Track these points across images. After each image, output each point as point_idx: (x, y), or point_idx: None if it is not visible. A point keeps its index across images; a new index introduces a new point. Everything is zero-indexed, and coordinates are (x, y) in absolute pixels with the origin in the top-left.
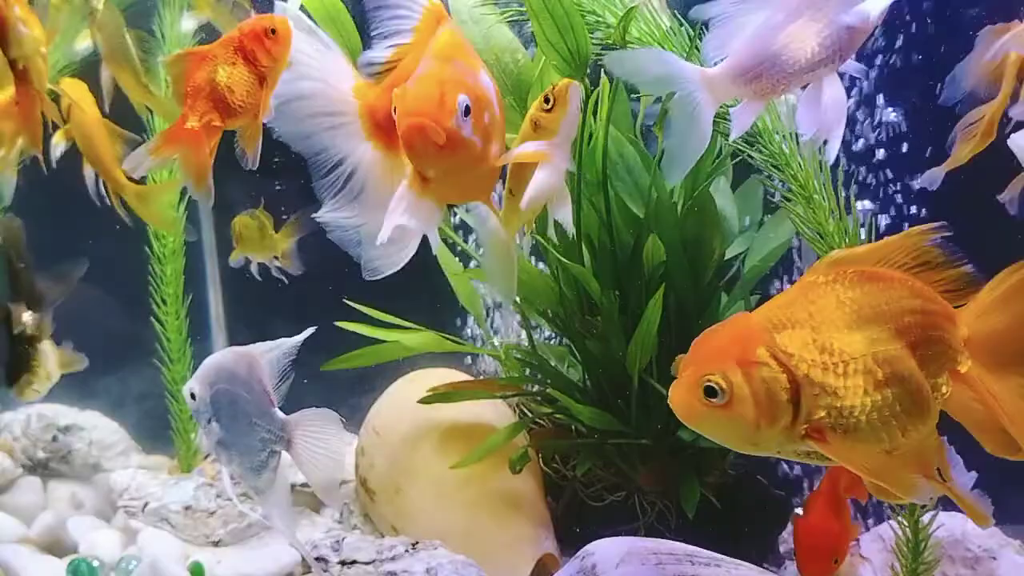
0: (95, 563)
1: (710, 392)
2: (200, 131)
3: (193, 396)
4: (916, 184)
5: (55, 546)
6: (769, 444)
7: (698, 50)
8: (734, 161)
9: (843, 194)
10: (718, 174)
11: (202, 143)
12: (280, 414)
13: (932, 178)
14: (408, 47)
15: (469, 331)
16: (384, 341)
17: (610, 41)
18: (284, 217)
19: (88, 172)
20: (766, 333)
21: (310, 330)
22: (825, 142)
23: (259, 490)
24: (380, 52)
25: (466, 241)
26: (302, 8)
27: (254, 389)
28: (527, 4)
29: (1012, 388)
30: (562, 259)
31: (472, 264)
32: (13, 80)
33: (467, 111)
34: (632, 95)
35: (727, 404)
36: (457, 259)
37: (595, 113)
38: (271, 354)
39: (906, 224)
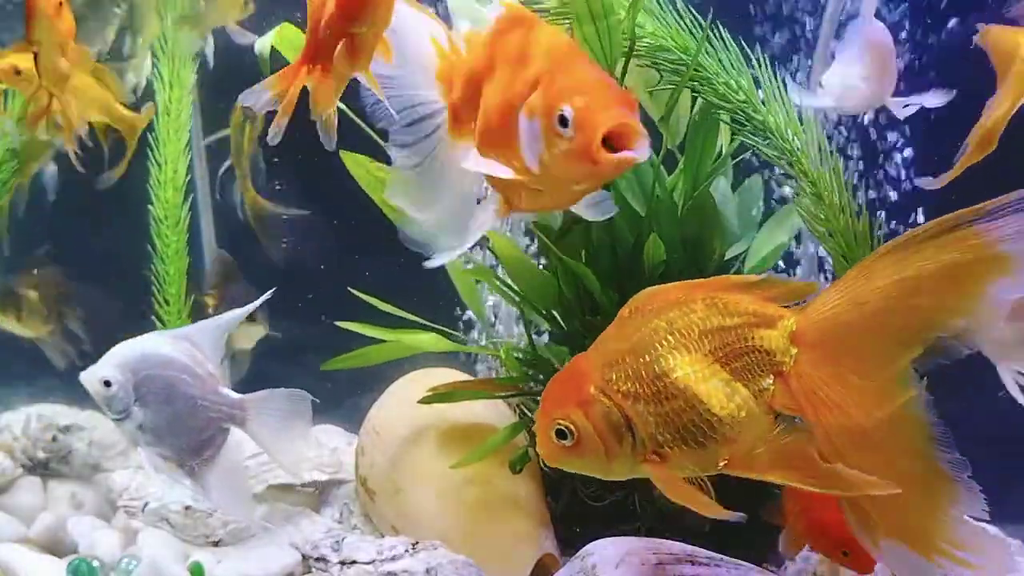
0: (95, 563)
1: (560, 435)
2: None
3: (108, 384)
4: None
5: (55, 546)
6: (620, 470)
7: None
8: (734, 161)
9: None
10: (718, 174)
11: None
12: (232, 393)
13: (928, 183)
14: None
15: (474, 333)
16: (384, 341)
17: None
18: (283, 216)
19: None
20: (596, 371)
21: (263, 297)
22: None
23: (196, 469)
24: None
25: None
26: (272, 47)
27: (197, 373)
28: (572, 7)
29: (845, 386)
30: (562, 257)
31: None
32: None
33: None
34: None
35: (576, 443)
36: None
37: None
38: (209, 334)
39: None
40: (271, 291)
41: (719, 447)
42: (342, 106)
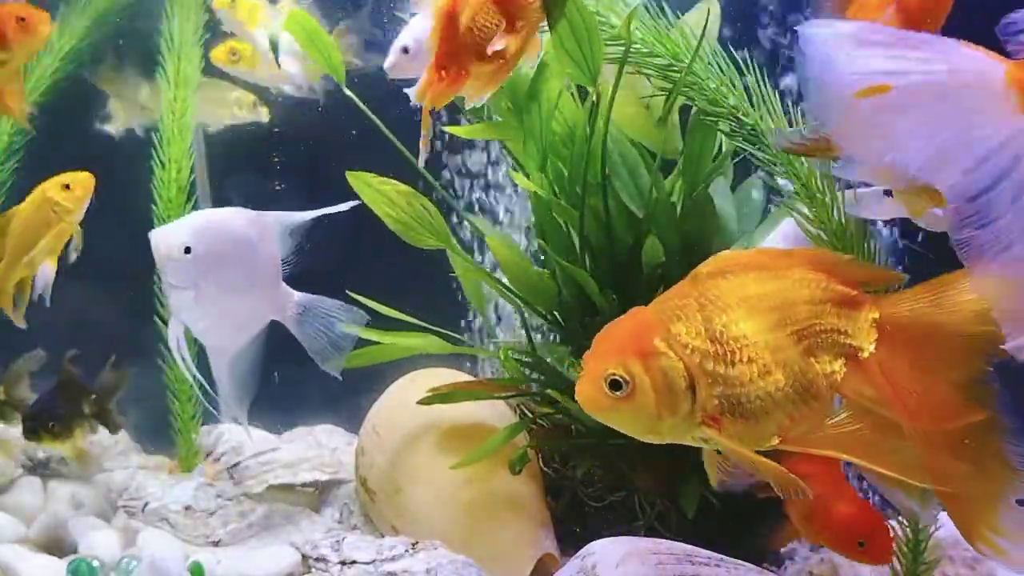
0: (95, 563)
1: (614, 385)
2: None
3: (188, 251)
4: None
5: (55, 546)
6: (670, 432)
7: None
8: (734, 161)
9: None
10: (718, 174)
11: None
12: (288, 289)
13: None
14: None
15: (477, 334)
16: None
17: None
18: None
19: None
20: (662, 324)
21: (340, 207)
22: None
23: (223, 349)
24: None
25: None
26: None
27: (262, 259)
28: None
29: (924, 372)
30: (560, 260)
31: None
32: None
33: None
34: None
35: (629, 395)
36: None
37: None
38: (280, 226)
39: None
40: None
41: (780, 420)
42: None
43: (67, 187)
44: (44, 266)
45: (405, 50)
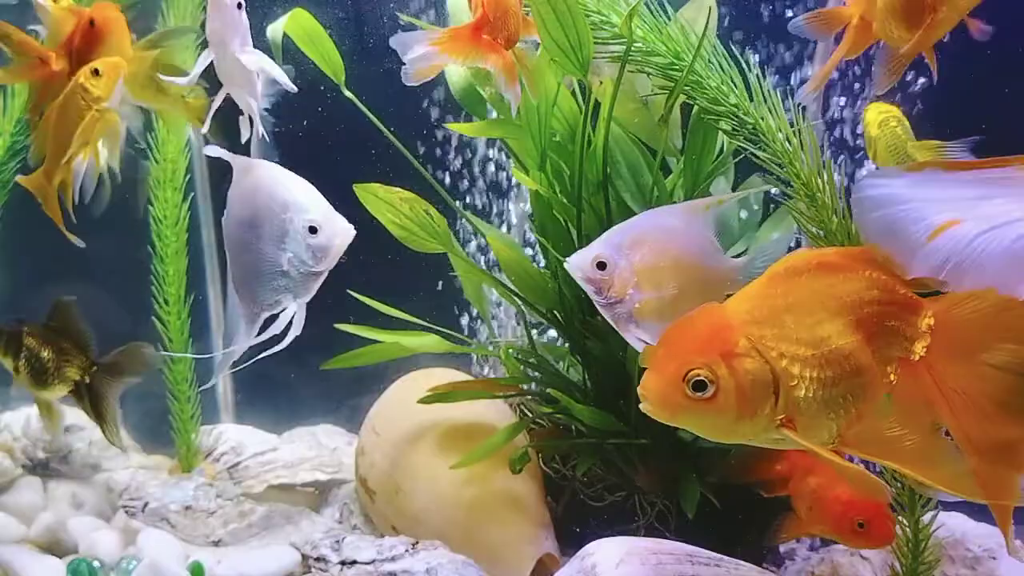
0: (95, 563)
1: (698, 386)
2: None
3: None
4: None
5: (55, 546)
6: (747, 433)
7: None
8: (735, 160)
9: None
10: (718, 174)
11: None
12: None
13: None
14: None
15: (478, 334)
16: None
17: (610, 39)
18: None
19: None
20: (745, 325)
21: None
22: None
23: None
24: None
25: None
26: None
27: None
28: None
29: (975, 375)
30: (560, 258)
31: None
32: None
33: None
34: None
35: (712, 397)
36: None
37: (595, 113)
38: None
39: None
40: None
41: (848, 421)
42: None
43: (96, 72)
44: (79, 162)
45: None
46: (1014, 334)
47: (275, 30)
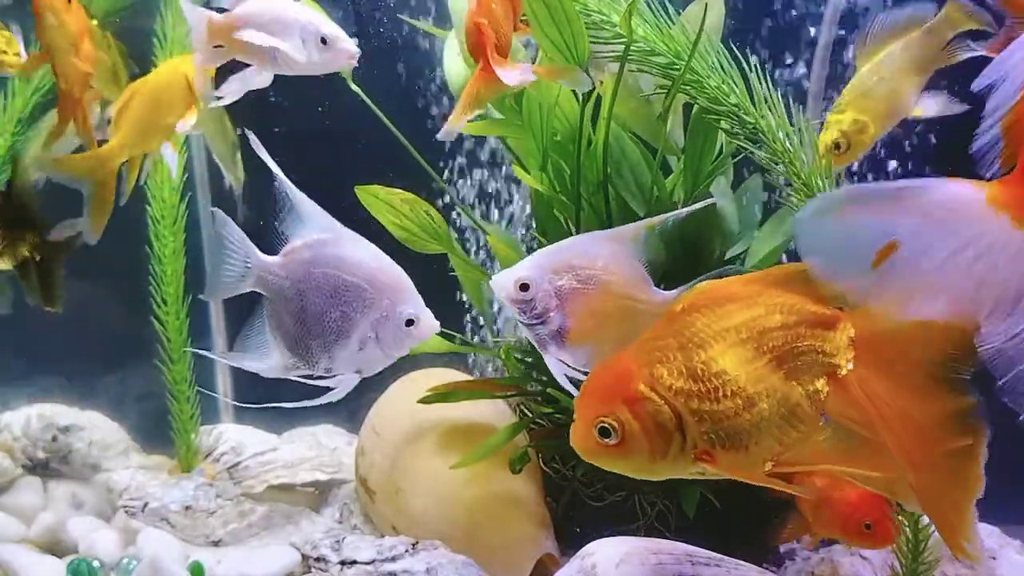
0: (95, 563)
1: (604, 432)
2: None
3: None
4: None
5: (55, 546)
6: (667, 470)
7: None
8: (735, 160)
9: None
10: (718, 173)
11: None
12: None
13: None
14: None
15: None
16: None
17: (611, 39)
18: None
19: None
20: (644, 368)
21: None
22: None
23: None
24: None
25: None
26: None
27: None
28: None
29: (903, 387)
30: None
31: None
32: None
33: None
34: None
35: (621, 442)
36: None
37: (596, 112)
38: None
39: None
40: None
41: (770, 448)
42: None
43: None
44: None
45: None
46: (939, 343)
47: None
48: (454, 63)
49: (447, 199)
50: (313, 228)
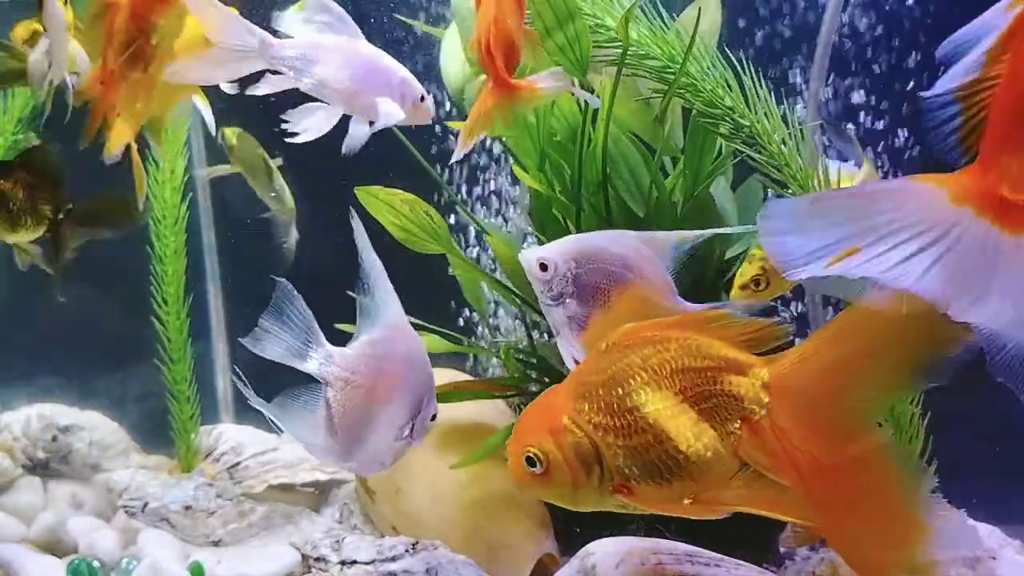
0: (95, 563)
1: (531, 462)
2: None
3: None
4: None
5: (55, 546)
6: (589, 501)
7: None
8: (734, 161)
9: None
10: (718, 174)
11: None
12: None
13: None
14: None
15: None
16: None
17: (606, 42)
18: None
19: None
20: (569, 401)
21: None
22: None
23: None
24: None
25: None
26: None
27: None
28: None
29: (817, 436)
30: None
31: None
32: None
33: None
34: None
35: (546, 471)
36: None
37: (595, 113)
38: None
39: None
40: None
41: (684, 484)
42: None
43: None
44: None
45: None
46: (851, 396)
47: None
48: (452, 63)
49: (448, 196)
50: (385, 319)
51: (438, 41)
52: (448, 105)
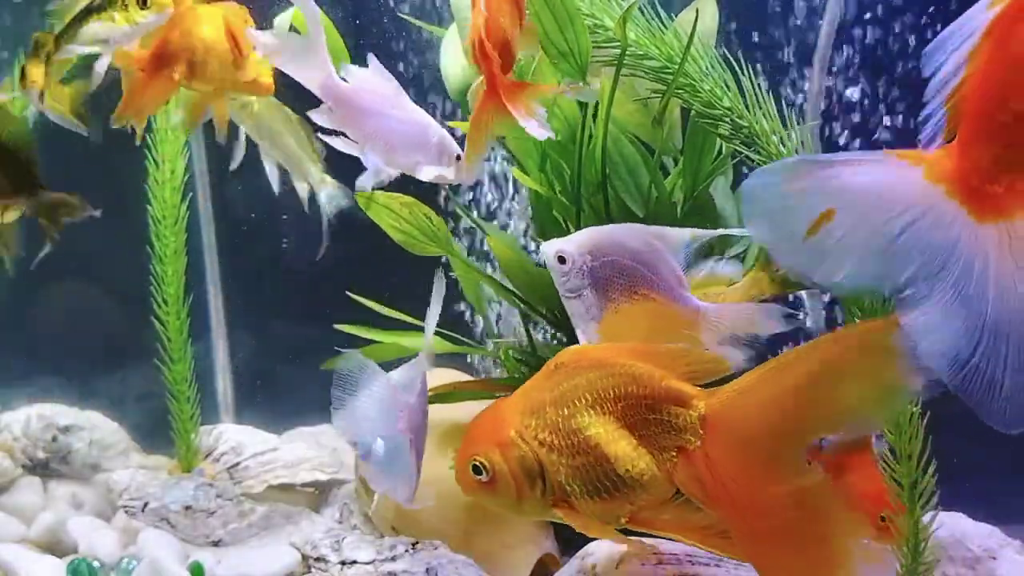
0: (95, 563)
1: (476, 471)
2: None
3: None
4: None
5: (55, 546)
6: (530, 511)
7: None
8: (734, 161)
9: None
10: (718, 174)
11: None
12: None
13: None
14: None
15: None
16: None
17: (604, 42)
18: (283, 216)
19: None
20: (517, 416)
21: None
22: None
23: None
24: None
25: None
26: (291, 27)
27: None
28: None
29: (750, 470)
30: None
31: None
32: None
33: None
34: None
35: (491, 481)
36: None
37: (595, 114)
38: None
39: None
40: None
41: (622, 504)
42: None
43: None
44: None
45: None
46: (787, 432)
47: (283, 21)
48: (452, 63)
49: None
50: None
51: (438, 41)
52: (448, 105)
